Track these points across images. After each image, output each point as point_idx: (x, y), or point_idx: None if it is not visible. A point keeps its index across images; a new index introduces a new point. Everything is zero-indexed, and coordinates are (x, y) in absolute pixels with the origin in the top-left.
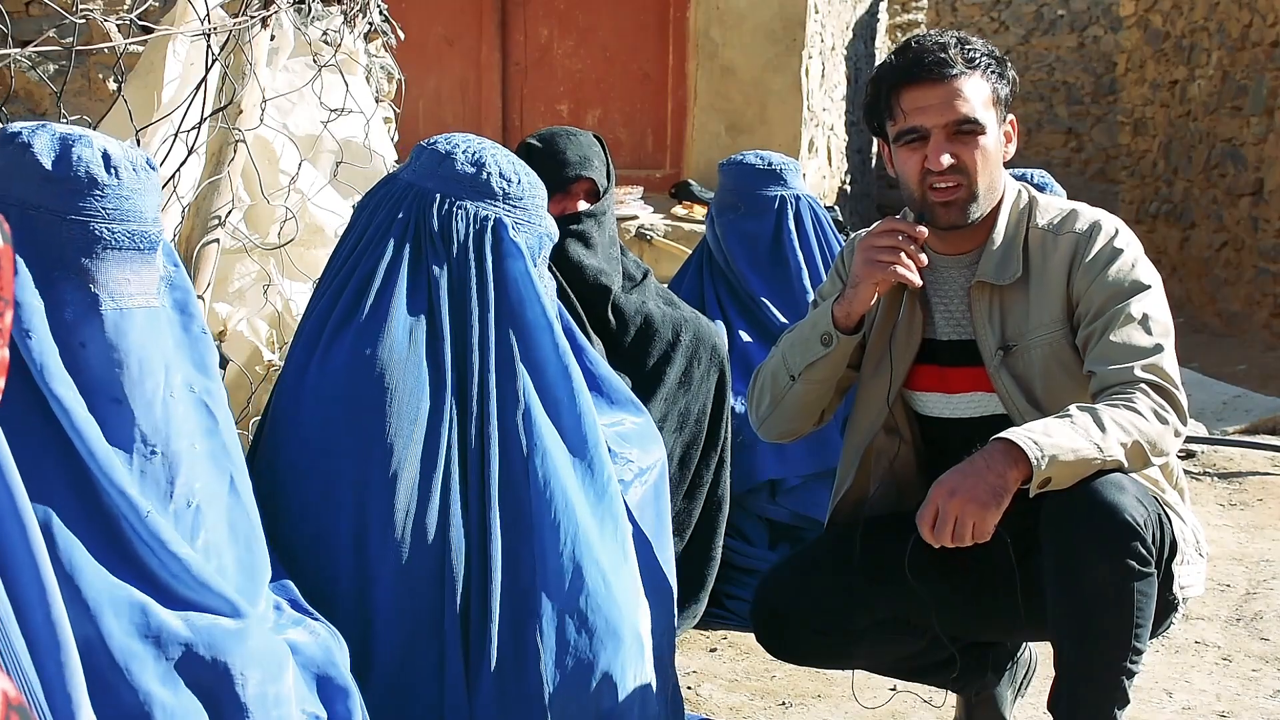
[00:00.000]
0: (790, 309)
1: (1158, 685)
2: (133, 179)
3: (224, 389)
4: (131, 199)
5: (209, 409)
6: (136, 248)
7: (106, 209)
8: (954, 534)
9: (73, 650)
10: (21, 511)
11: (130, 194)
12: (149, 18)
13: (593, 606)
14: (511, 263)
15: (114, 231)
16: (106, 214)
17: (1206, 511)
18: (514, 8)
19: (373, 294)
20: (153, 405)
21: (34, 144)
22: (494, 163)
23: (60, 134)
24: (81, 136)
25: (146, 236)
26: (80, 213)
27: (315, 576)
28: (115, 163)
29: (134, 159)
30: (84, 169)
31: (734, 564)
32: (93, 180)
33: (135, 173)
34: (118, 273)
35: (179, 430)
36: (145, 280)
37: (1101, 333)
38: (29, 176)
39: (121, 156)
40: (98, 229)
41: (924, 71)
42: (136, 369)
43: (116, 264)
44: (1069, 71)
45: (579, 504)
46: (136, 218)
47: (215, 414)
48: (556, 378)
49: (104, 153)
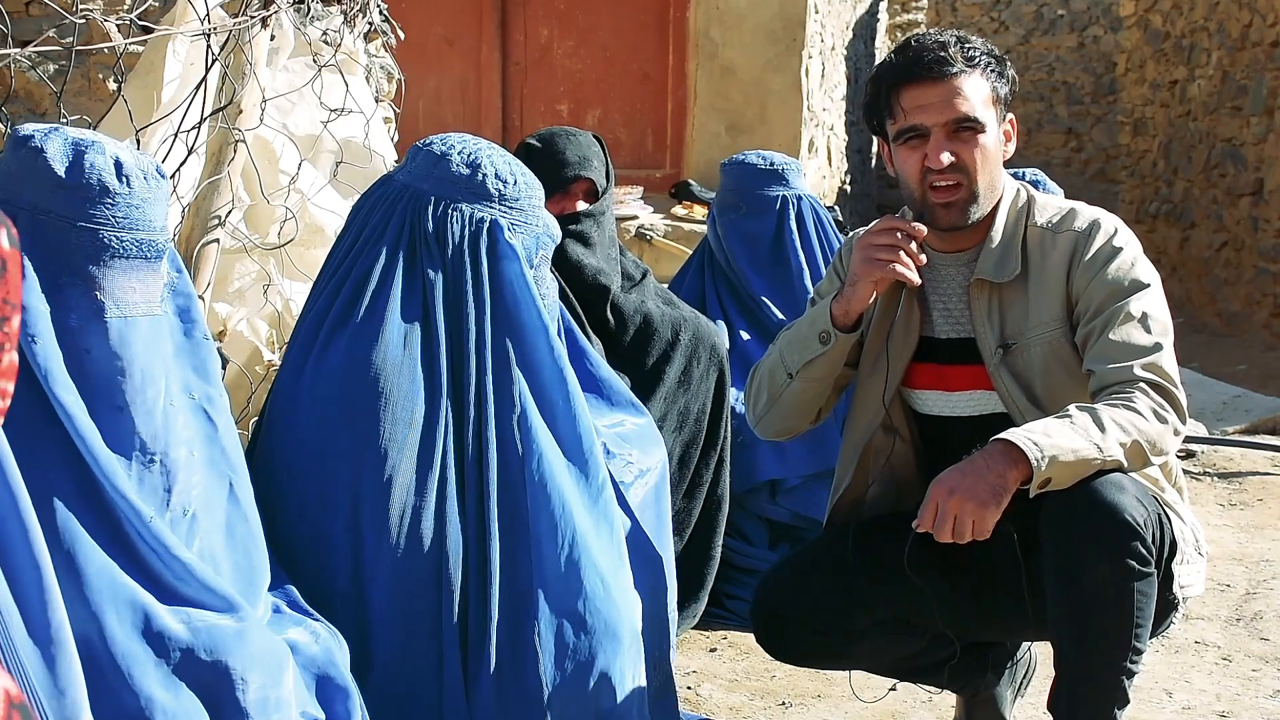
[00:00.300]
0: (791, 309)
1: (1158, 685)
2: (143, 188)
3: (225, 394)
4: (141, 208)
5: (208, 415)
6: (144, 256)
7: (116, 217)
8: (953, 531)
9: (73, 651)
10: (23, 512)
11: (140, 203)
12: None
13: (591, 608)
14: (507, 265)
15: (123, 240)
16: (116, 222)
17: (1206, 511)
18: (514, 8)
19: (368, 296)
20: (153, 413)
21: (47, 149)
22: (490, 164)
23: (73, 139)
24: (95, 143)
25: (154, 245)
26: (90, 220)
27: (313, 577)
28: (127, 171)
29: (145, 167)
30: (96, 176)
31: (734, 564)
32: (104, 188)
33: (146, 181)
34: (124, 281)
35: (178, 438)
36: (150, 289)
37: (1101, 331)
38: (41, 182)
39: (133, 165)
40: (107, 237)
41: (924, 70)
42: (139, 377)
43: (123, 272)
44: (1069, 71)
45: (575, 506)
46: (145, 226)
47: (215, 420)
48: (552, 381)
49: (116, 160)
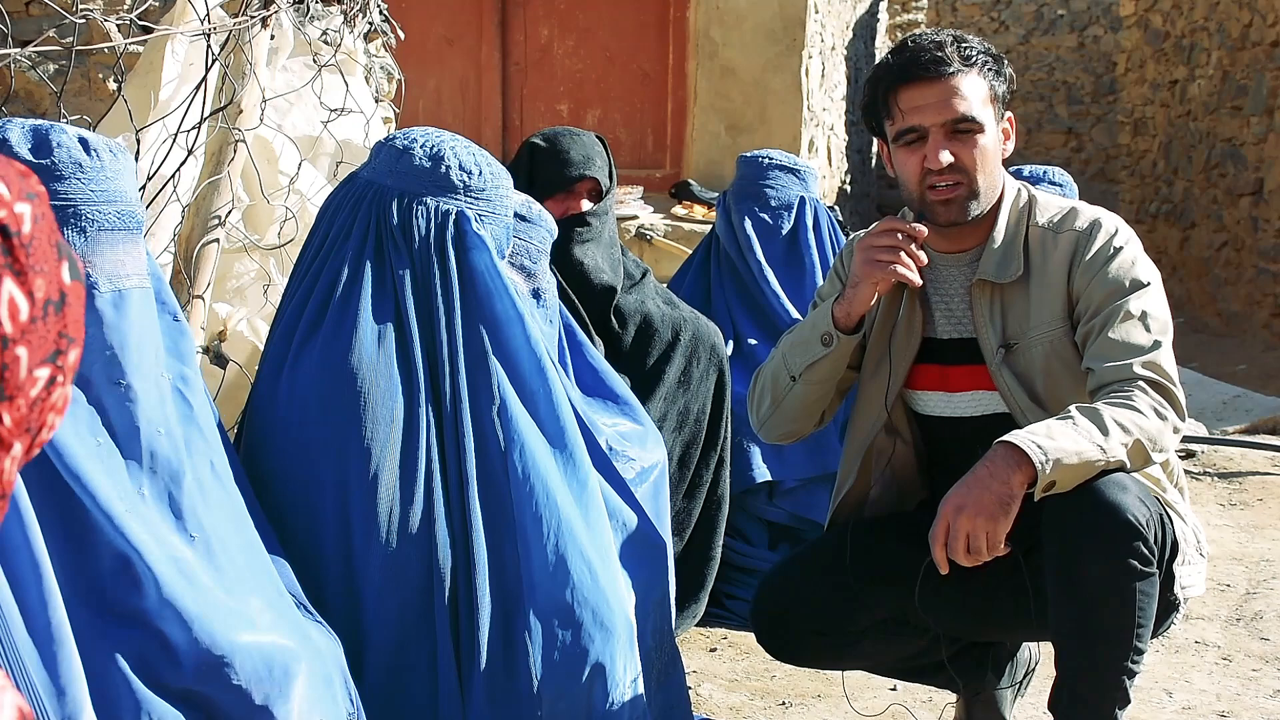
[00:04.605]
0: (802, 307)
1: (1158, 685)
2: (112, 160)
3: (199, 374)
4: (115, 179)
5: (183, 395)
6: (127, 228)
7: (95, 190)
8: (967, 549)
9: (73, 650)
10: (23, 512)
11: (114, 174)
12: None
13: (579, 599)
14: (476, 255)
15: (104, 213)
16: (95, 195)
17: (1206, 511)
18: (514, 8)
19: (338, 298)
20: (156, 386)
21: (9, 137)
22: (453, 155)
23: (30, 125)
24: (52, 126)
25: (134, 216)
26: (70, 195)
27: (305, 581)
28: (94, 146)
29: (108, 142)
30: (66, 154)
31: (734, 564)
32: (77, 163)
33: (114, 154)
34: (112, 255)
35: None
36: (137, 261)
37: (1100, 330)
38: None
39: (98, 141)
40: (89, 211)
41: (921, 70)
42: (136, 352)
43: (110, 245)
44: (1069, 71)
45: (561, 495)
46: (123, 198)
47: (190, 400)
48: (530, 370)
49: (80, 138)
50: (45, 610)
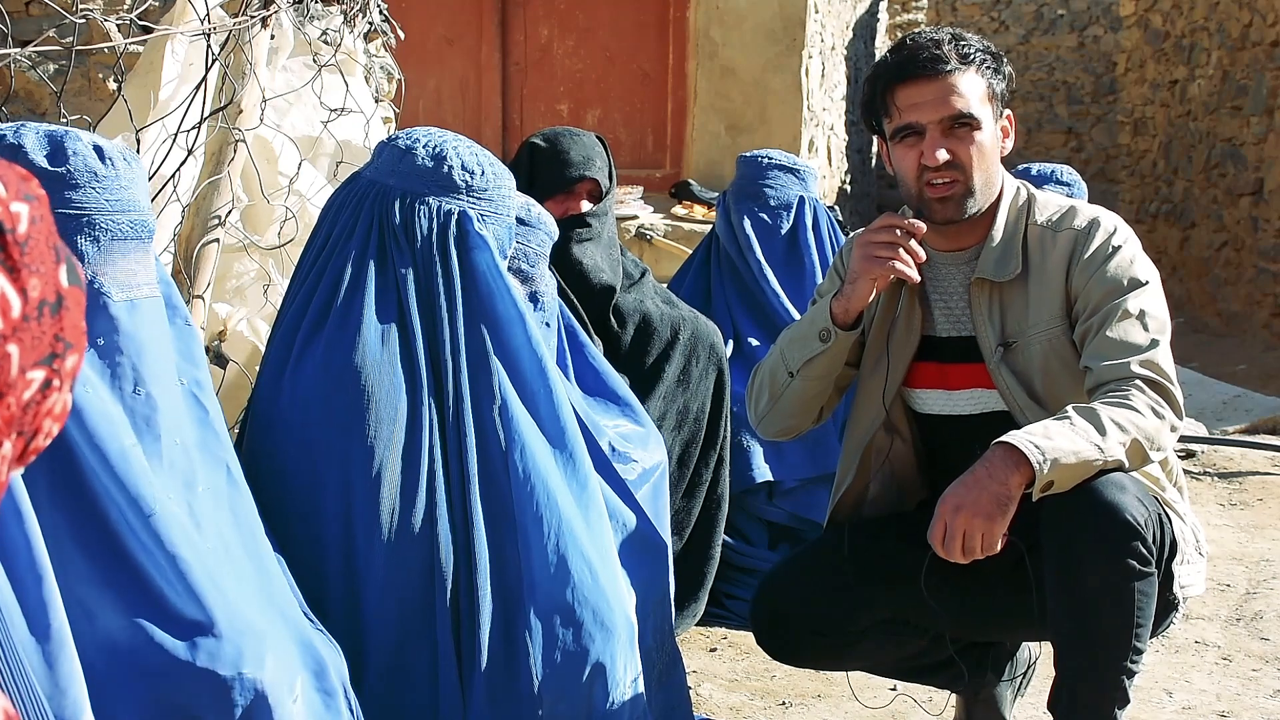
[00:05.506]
0: (801, 307)
1: (1158, 685)
2: (127, 169)
3: (210, 378)
4: (129, 188)
5: (198, 400)
6: (139, 237)
7: (109, 200)
8: (963, 548)
9: (73, 650)
10: (23, 512)
11: (128, 183)
12: (149, 18)
13: (579, 599)
14: (478, 255)
15: (118, 222)
16: (109, 205)
17: (1206, 511)
18: (514, 8)
19: (341, 298)
20: (171, 392)
21: (24, 143)
22: (455, 155)
23: (45, 131)
24: (68, 133)
25: (146, 225)
26: (84, 205)
27: (307, 581)
28: (109, 154)
29: (123, 150)
30: (82, 162)
31: (733, 564)
32: (92, 172)
33: (128, 163)
34: (124, 264)
35: (185, 419)
36: (148, 270)
37: (1098, 328)
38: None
39: (112, 148)
40: (103, 220)
41: (918, 68)
42: (152, 360)
43: (122, 255)
44: (1069, 71)
45: (561, 495)
46: (136, 207)
47: (205, 404)
48: (531, 370)
49: (95, 146)
50: (45, 611)
